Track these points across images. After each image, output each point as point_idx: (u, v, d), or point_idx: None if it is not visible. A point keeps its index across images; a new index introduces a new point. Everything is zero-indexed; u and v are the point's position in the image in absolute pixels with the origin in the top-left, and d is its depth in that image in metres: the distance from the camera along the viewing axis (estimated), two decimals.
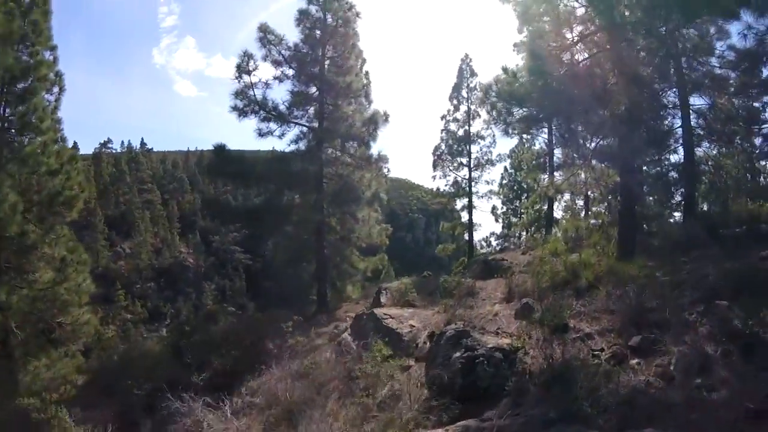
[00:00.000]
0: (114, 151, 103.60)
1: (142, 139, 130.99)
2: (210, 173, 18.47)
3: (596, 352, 6.52)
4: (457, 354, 6.71)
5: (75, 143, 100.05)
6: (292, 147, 18.52)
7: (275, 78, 18.14)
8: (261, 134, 18.04)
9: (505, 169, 41.04)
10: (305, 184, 18.29)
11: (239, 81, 17.49)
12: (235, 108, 17.46)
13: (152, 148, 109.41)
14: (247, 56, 17.43)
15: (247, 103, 17.59)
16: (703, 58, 11.17)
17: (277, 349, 11.46)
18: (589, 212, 34.32)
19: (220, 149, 17.56)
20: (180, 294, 75.96)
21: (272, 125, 18.20)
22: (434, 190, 31.28)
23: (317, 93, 18.41)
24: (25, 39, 16.71)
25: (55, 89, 18.25)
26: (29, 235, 15.91)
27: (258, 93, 17.68)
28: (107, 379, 13.64)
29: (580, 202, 36.29)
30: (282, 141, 18.99)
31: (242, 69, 17.46)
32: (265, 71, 20.61)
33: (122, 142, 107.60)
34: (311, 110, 18.61)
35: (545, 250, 12.28)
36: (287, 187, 18.74)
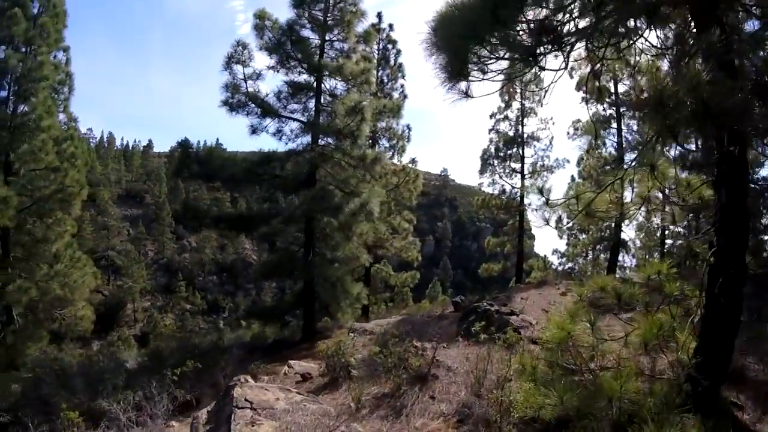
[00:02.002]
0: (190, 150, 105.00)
1: (218, 139, 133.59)
2: (176, 173, 14.88)
3: None
4: None
5: (150, 141, 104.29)
6: (291, 145, 15.27)
7: (269, 68, 15.02)
8: (254, 131, 14.97)
9: (572, 177, 35.75)
10: (293, 188, 14.51)
11: (230, 73, 14.56)
12: (225, 103, 14.47)
13: (226, 149, 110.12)
14: (240, 45, 14.54)
15: (239, 98, 14.54)
16: None
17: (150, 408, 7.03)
18: (666, 232, 28.86)
19: (184, 146, 14.24)
20: (240, 289, 74.81)
21: (266, 121, 15.06)
22: (480, 200, 26.11)
23: (315, 82, 14.66)
24: (32, 41, 17.46)
25: (65, 89, 19.49)
26: (34, 231, 17.70)
27: (251, 85, 14.72)
28: None
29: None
30: (278, 139, 15.59)
31: (234, 59, 14.54)
32: (260, 61, 16.88)
33: (198, 141, 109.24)
34: (310, 103, 14.96)
35: (548, 331, 5.93)
36: (272, 191, 15.10)
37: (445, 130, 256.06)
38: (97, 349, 17.70)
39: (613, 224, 25.32)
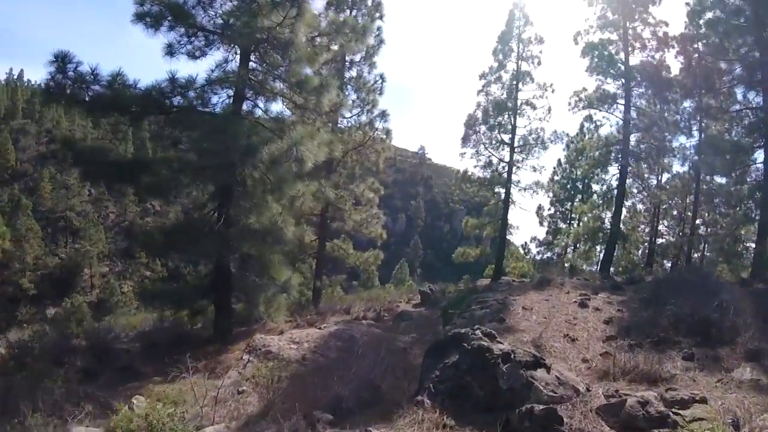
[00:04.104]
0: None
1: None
2: (48, 98, 9.76)
3: None
4: None
5: None
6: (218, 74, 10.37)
7: None
8: (171, 52, 10.19)
9: (559, 162, 31.50)
10: (206, 128, 9.77)
11: None
12: (140, 17, 9.77)
13: None
14: None
15: (153, 7, 9.84)
16: None
17: None
18: (657, 227, 25.00)
19: (62, 60, 9.31)
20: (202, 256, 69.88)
21: (188, 38, 10.26)
22: (461, 173, 21.51)
23: None
24: None
25: None
26: None
27: None
28: None
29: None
30: (193, 59, 10.70)
31: None
32: None
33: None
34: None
35: None
36: (182, 130, 10.36)
37: (423, 107, 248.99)
38: None
39: (611, 212, 21.34)
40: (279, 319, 11.49)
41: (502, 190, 20.20)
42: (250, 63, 10.26)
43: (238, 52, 10.11)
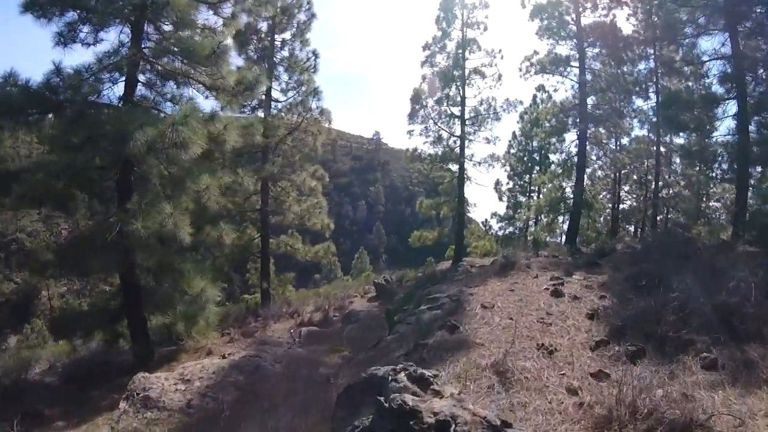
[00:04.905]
0: None
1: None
2: None
3: None
4: None
5: None
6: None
7: None
8: (62, 41, 8.66)
9: (514, 135, 30.13)
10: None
11: None
12: (28, 6, 8.36)
13: None
14: None
15: None
16: None
17: None
18: (619, 193, 24.04)
19: None
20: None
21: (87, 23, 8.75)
22: (411, 153, 19.81)
23: None
24: None
25: None
26: None
27: None
28: None
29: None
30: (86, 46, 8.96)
31: None
32: None
33: None
34: None
35: None
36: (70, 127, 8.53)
37: (376, 93, 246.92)
38: None
39: (572, 180, 20.11)
40: (209, 336, 9.80)
41: (456, 167, 18.70)
42: (147, 42, 8.45)
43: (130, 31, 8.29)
